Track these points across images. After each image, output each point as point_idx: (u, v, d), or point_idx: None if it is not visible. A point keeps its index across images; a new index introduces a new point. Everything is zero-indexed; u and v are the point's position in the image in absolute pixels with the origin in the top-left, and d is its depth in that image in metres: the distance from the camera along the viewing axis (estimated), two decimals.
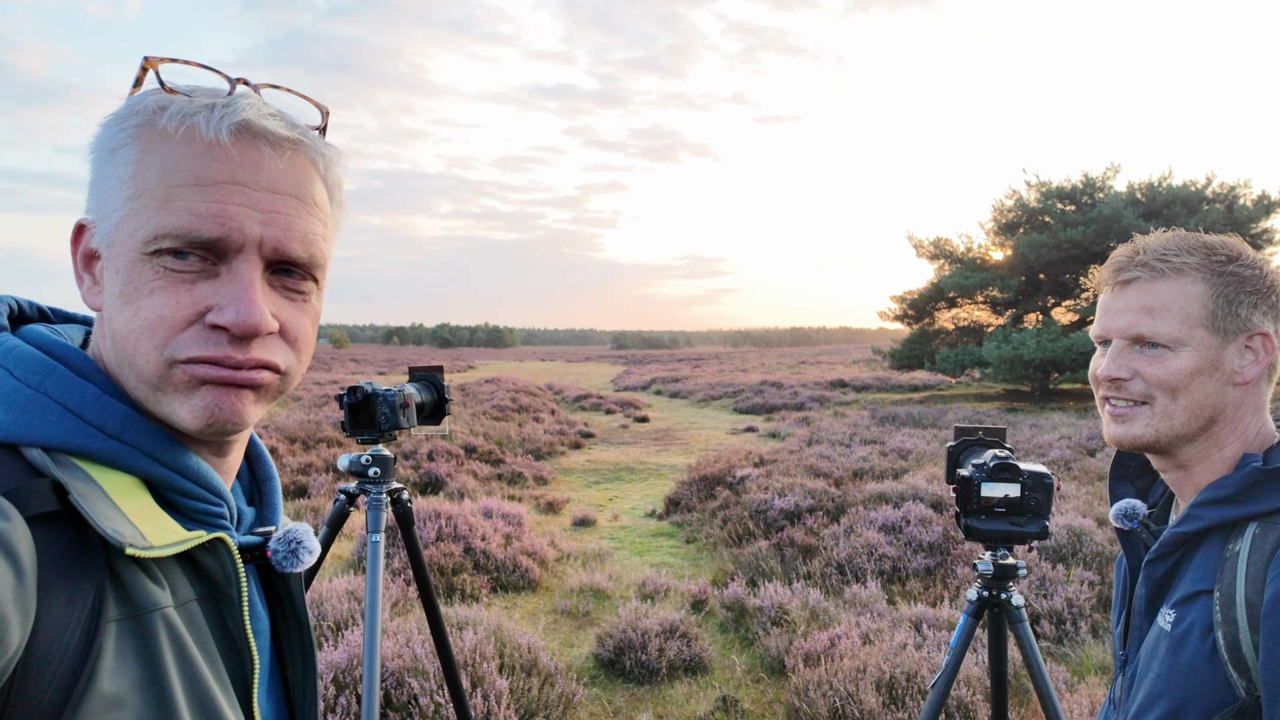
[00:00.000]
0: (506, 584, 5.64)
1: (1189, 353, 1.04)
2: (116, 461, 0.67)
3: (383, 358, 55.06)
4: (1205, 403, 1.04)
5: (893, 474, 8.34)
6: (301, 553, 0.78)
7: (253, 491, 0.86)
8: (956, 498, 1.72)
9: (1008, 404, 18.74)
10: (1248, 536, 0.97)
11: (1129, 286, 1.09)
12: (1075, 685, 3.85)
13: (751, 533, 6.70)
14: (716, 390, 24.44)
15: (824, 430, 12.74)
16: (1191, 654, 0.97)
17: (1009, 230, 23.44)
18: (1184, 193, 20.79)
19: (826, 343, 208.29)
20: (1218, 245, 1.07)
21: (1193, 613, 0.99)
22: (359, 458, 2.13)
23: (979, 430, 1.87)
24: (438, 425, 2.24)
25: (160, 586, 0.66)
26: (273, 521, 0.83)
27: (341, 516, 2.18)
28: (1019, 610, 1.85)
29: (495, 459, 10.84)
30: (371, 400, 2.01)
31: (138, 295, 0.66)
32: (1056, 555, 5.34)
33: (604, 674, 4.23)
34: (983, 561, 1.84)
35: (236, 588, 0.72)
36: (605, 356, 76.34)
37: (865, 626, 4.34)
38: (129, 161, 0.67)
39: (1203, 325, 1.04)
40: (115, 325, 0.67)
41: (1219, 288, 1.04)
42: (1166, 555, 1.06)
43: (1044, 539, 1.73)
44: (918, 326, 24.59)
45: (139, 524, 0.65)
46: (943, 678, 1.81)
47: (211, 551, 0.71)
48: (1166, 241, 1.08)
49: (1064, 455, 9.45)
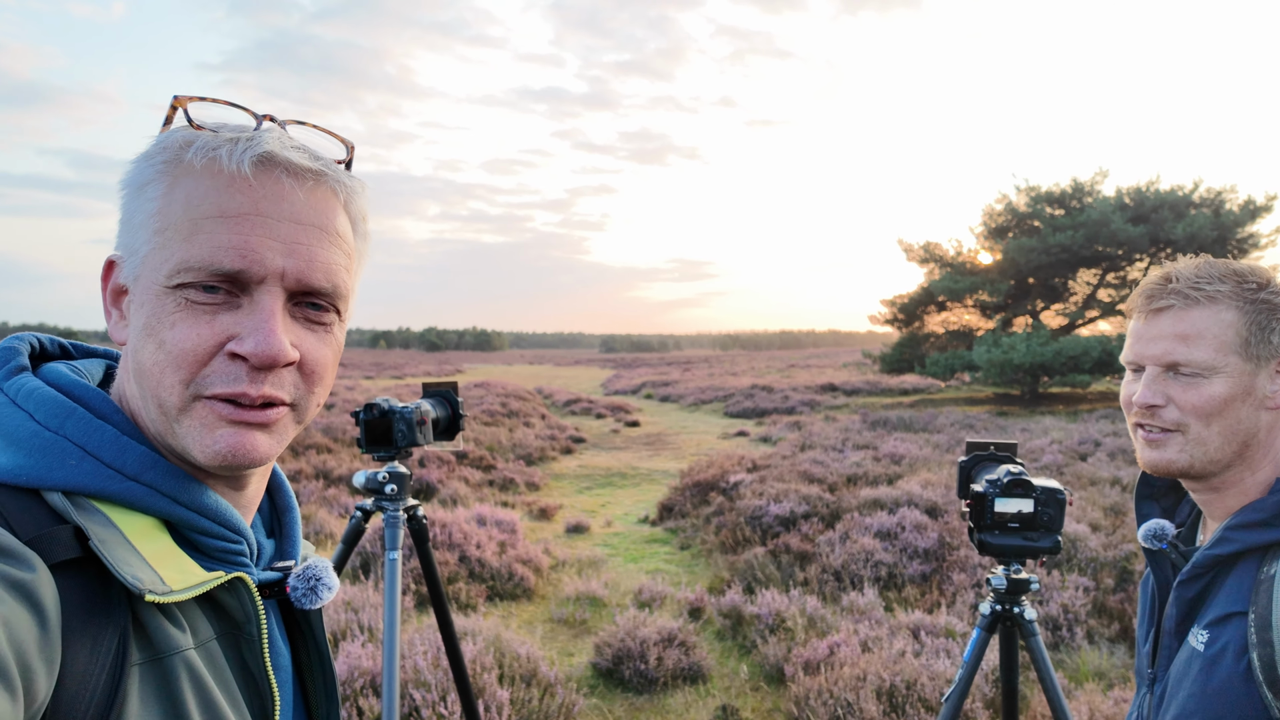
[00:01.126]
0: (502, 592, 5.62)
1: (1223, 379, 1.05)
2: (135, 503, 0.67)
3: (369, 362, 54.84)
4: (1239, 428, 1.05)
5: (886, 479, 8.37)
6: (321, 590, 0.78)
7: (272, 522, 0.87)
8: (970, 513, 1.73)
9: (998, 408, 18.85)
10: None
11: (1162, 314, 1.10)
12: (1073, 692, 3.87)
13: (747, 539, 6.70)
14: (707, 394, 24.46)
15: (816, 435, 12.77)
16: (1226, 674, 0.98)
17: (998, 234, 23.60)
18: (1171, 197, 21.00)
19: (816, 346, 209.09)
20: (1248, 273, 1.08)
21: (1226, 634, 1.00)
22: (375, 475, 2.12)
23: (990, 445, 1.88)
24: (452, 441, 2.23)
25: (180, 629, 0.67)
26: (292, 554, 0.84)
27: (357, 534, 2.17)
28: (1032, 624, 1.86)
29: (486, 465, 10.81)
30: (388, 417, 2.00)
31: (161, 327, 0.66)
32: (1051, 562, 5.37)
33: (603, 683, 4.22)
34: (996, 576, 1.85)
35: (256, 625, 0.72)
36: (594, 360, 76.34)
37: (864, 634, 4.35)
38: (155, 197, 0.68)
39: (1236, 352, 1.05)
40: (141, 359, 0.68)
41: (1252, 315, 1.05)
42: (1199, 576, 1.07)
43: (1056, 553, 1.74)
44: (908, 330, 24.72)
45: (158, 567, 0.65)
46: (956, 691, 1.81)
47: (231, 590, 0.71)
48: (1199, 269, 1.09)
49: (1056, 460, 9.51)
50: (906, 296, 24.37)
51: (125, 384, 0.72)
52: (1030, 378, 19.79)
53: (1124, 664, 4.26)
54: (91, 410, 0.69)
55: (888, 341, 25.98)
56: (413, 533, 2.21)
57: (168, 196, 0.68)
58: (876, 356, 25.55)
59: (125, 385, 0.72)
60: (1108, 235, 20.38)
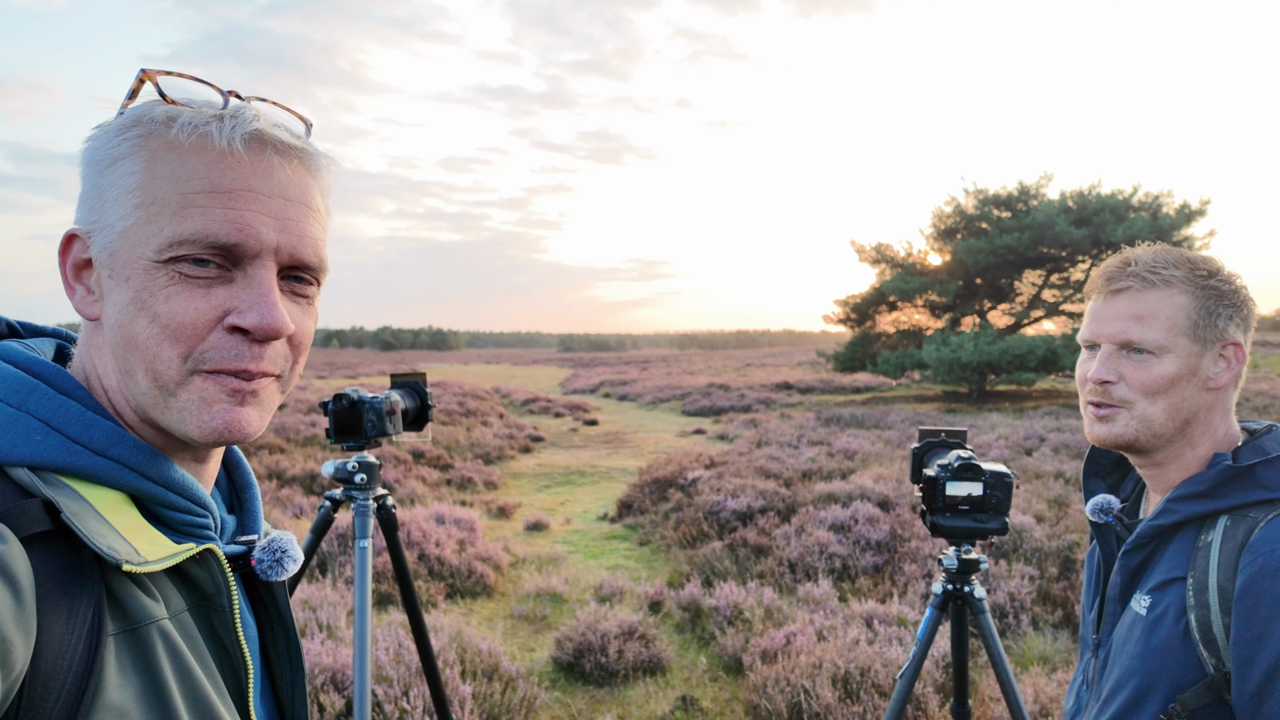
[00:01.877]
0: (462, 590, 5.60)
1: (1171, 359, 1.12)
2: (103, 478, 0.68)
3: (322, 361, 53.82)
4: (1183, 405, 1.13)
5: (840, 474, 8.53)
6: (286, 561, 0.79)
7: (232, 499, 0.87)
8: (922, 496, 1.81)
9: (946, 405, 19.30)
10: (1219, 529, 1.06)
11: (1120, 295, 1.17)
12: (1019, 675, 4.02)
13: (705, 534, 6.78)
14: (665, 393, 24.57)
15: (772, 432, 12.94)
16: (1165, 635, 1.06)
17: (948, 236, 24.14)
18: (1112, 201, 21.72)
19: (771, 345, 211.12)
20: (1200, 261, 1.16)
21: (1167, 598, 1.08)
22: (345, 464, 2.11)
23: (942, 432, 1.97)
24: (420, 431, 2.24)
25: (154, 599, 0.67)
26: (254, 529, 0.84)
27: (326, 523, 2.16)
28: (981, 602, 1.95)
29: (444, 464, 10.72)
30: (358, 407, 2.01)
31: (154, 301, 0.66)
32: (999, 551, 5.55)
33: (564, 677, 4.25)
34: (947, 557, 1.93)
35: (228, 597, 0.73)
36: (552, 359, 76.02)
37: (819, 623, 4.45)
38: (134, 171, 0.68)
39: (1185, 334, 1.12)
40: (130, 332, 0.67)
41: (1201, 300, 1.13)
42: (1143, 546, 1.14)
43: (1004, 534, 1.83)
44: (860, 330, 25.14)
45: (131, 539, 0.65)
46: (910, 668, 1.89)
47: (201, 563, 0.72)
48: (1156, 254, 1.17)
49: (1002, 455, 9.79)
50: (859, 296, 24.79)
51: (94, 360, 0.72)
52: (978, 376, 20.30)
53: (1067, 648, 4.43)
54: (54, 386, 0.69)
55: (841, 341, 26.39)
56: (381, 522, 2.21)
57: (149, 171, 0.68)
58: (830, 355, 25.94)
59: (94, 361, 0.72)
60: (1052, 237, 21.00)
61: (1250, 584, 0.97)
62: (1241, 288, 1.17)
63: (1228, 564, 1.02)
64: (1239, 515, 1.05)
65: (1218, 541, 1.05)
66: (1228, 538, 1.04)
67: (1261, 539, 0.99)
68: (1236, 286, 1.16)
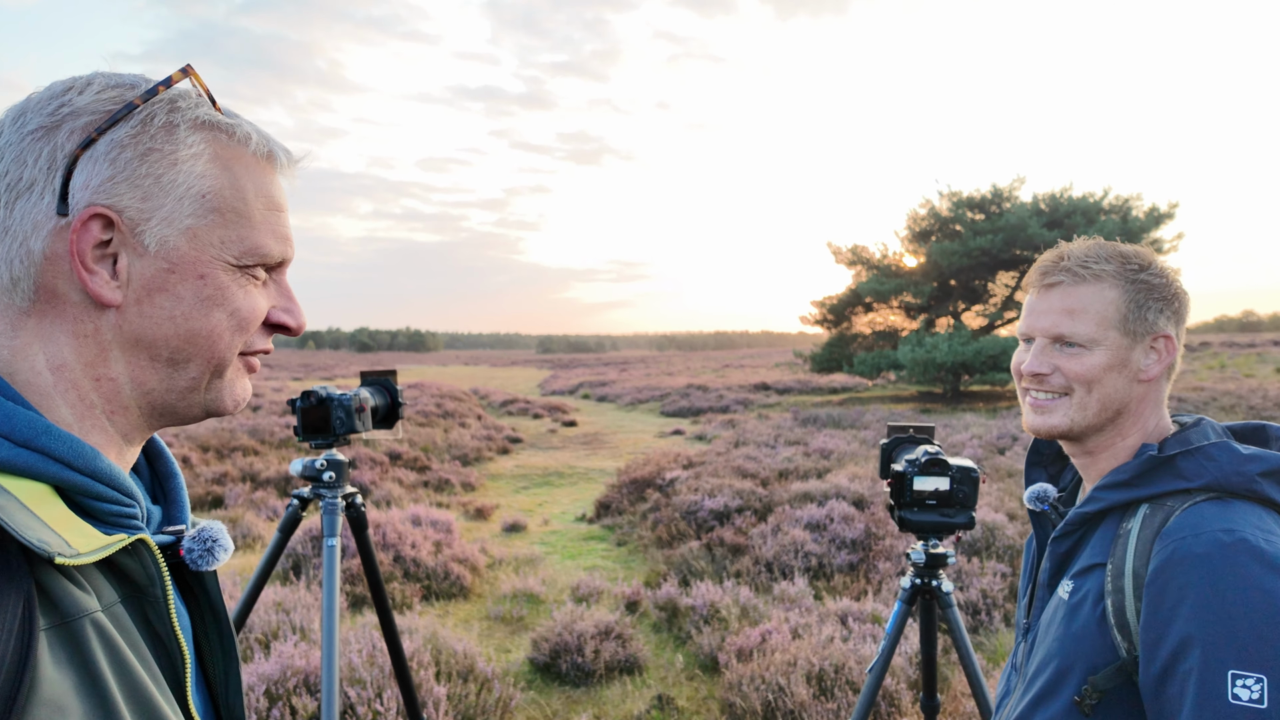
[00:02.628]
0: (438, 591, 5.58)
1: (1103, 351, 1.15)
2: (26, 470, 0.66)
3: (297, 363, 53.25)
4: (1115, 396, 1.16)
5: (816, 474, 8.59)
6: (217, 550, 0.79)
7: (155, 489, 0.86)
8: (891, 491, 1.83)
9: (922, 405, 19.49)
10: (1139, 516, 1.09)
11: (1053, 289, 1.20)
12: (990, 671, 4.07)
13: (682, 533, 6.80)
14: (643, 394, 24.59)
15: (749, 432, 13.00)
16: (1084, 620, 1.09)
17: (922, 238, 24.39)
18: (1083, 204, 22.06)
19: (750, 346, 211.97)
20: (1132, 255, 1.19)
21: (1088, 584, 1.11)
22: (313, 462, 2.09)
23: (910, 428, 1.99)
24: (391, 429, 2.22)
25: (86, 592, 0.66)
26: (181, 520, 0.83)
27: (294, 522, 2.14)
28: (948, 596, 1.97)
29: (421, 465, 10.66)
30: (326, 404, 1.99)
31: (233, 299, 0.75)
32: (971, 549, 5.61)
33: (540, 677, 4.24)
34: (915, 551, 1.96)
35: (161, 587, 0.72)
36: (531, 361, 75.76)
37: (794, 621, 4.48)
38: (206, 175, 0.72)
39: (1116, 327, 1.15)
40: (195, 324, 0.73)
41: (1131, 294, 1.15)
42: (1070, 533, 1.17)
43: (970, 529, 1.86)
44: (836, 330, 25.33)
45: (60, 531, 0.64)
46: (879, 662, 1.91)
47: (133, 554, 0.71)
48: (1088, 249, 1.20)
49: (976, 454, 9.90)
50: (835, 298, 24.98)
51: (38, 350, 0.70)
52: (952, 376, 20.53)
53: None
54: None
55: (818, 342, 26.57)
56: (351, 521, 2.19)
57: (224, 177, 0.73)
58: (807, 356, 26.10)
59: (37, 351, 0.70)
60: (1025, 239, 21.29)
61: (1160, 570, 1.00)
62: (1174, 281, 1.19)
63: (1143, 550, 1.04)
64: (1158, 504, 1.07)
65: (1136, 529, 1.07)
66: (1145, 525, 1.06)
67: (1174, 527, 1.02)
68: (1168, 280, 1.18)
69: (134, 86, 0.72)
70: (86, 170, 0.69)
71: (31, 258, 0.69)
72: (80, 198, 0.68)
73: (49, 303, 0.70)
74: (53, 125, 0.69)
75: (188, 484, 8.96)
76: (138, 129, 0.70)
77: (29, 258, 0.69)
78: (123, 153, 0.69)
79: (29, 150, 0.69)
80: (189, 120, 0.72)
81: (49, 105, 0.70)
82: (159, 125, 0.71)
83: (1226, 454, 1.06)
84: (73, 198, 0.68)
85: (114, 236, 0.70)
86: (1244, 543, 0.96)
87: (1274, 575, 0.93)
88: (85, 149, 0.69)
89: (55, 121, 0.69)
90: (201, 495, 8.64)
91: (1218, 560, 0.96)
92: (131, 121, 0.70)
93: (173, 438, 11.26)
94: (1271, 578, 0.93)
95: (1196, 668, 0.93)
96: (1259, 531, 0.98)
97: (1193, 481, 1.05)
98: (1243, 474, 1.03)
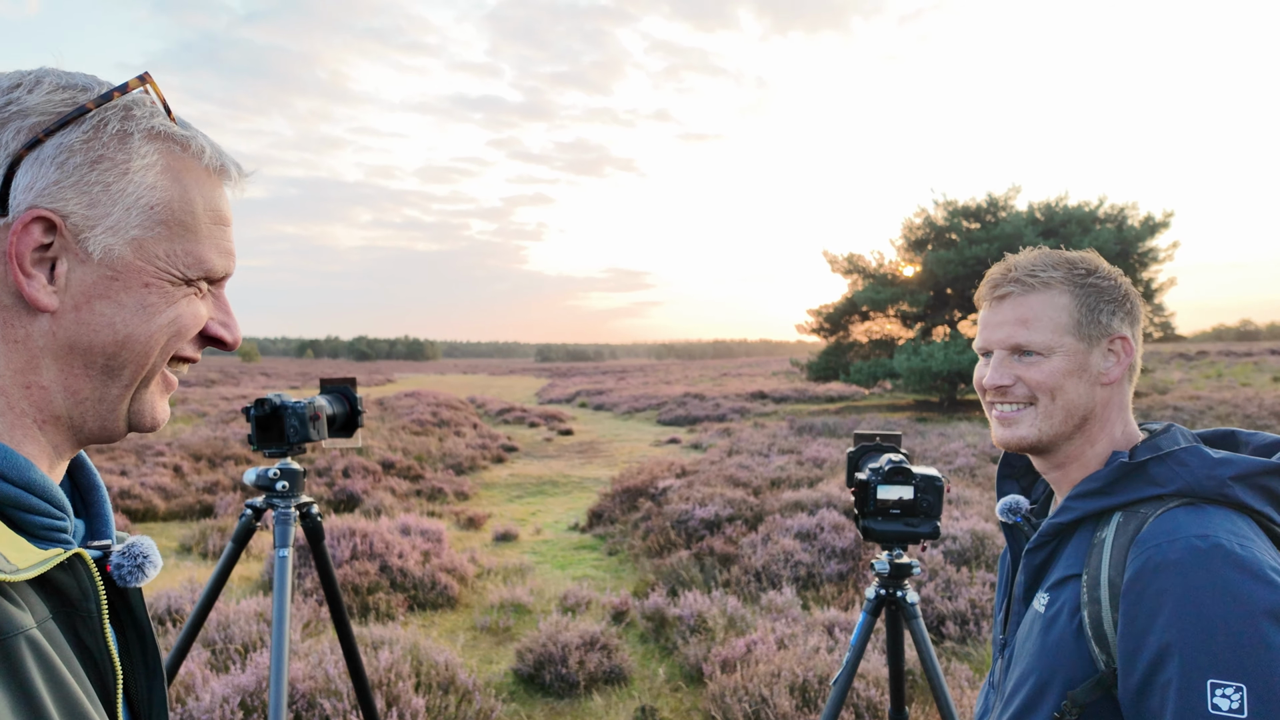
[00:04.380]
0: (424, 602, 5.54)
1: (1060, 357, 1.15)
2: None
3: (295, 371, 53.19)
4: (1078, 402, 1.15)
5: (808, 482, 8.56)
6: (147, 567, 0.77)
7: (76, 502, 0.84)
8: (855, 500, 1.81)
9: (918, 414, 19.46)
10: (1113, 525, 1.07)
11: (1004, 301, 1.20)
12: (978, 682, 4.04)
13: (673, 543, 6.77)
14: (640, 402, 24.56)
15: (744, 441, 12.97)
16: (1060, 632, 1.06)
17: (918, 247, 24.41)
18: (1079, 213, 22.09)
19: (748, 355, 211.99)
20: (1078, 260, 1.19)
21: (1064, 595, 1.08)
22: (266, 471, 2.07)
23: (877, 436, 1.97)
24: (350, 438, 2.20)
25: (21, 609, 0.64)
26: (105, 534, 0.81)
27: (247, 532, 2.12)
28: (914, 607, 1.95)
29: (414, 474, 10.63)
30: (280, 413, 1.97)
31: (167, 307, 0.73)
32: (960, 559, 5.59)
33: (523, 689, 4.21)
34: (879, 561, 1.94)
35: (96, 602, 0.71)
36: (529, 369, 75.73)
37: (780, 632, 4.45)
38: (157, 186, 0.72)
39: (1070, 332, 1.15)
40: (132, 330, 0.72)
41: (1082, 298, 1.16)
42: (1044, 544, 1.15)
43: (935, 538, 1.84)
44: (833, 339, 25.32)
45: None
46: (843, 674, 1.89)
47: (68, 569, 0.69)
48: (1034, 259, 1.20)
49: (969, 462, 9.88)
50: (832, 306, 24.98)
51: (20, 351, 0.69)
52: (948, 385, 20.50)
53: None
54: None
55: (815, 350, 26.56)
56: (307, 531, 2.17)
57: (175, 190, 0.73)
58: (804, 365, 26.08)
59: (29, 353, 0.69)
60: (1020, 248, 21.28)
61: (1135, 579, 0.98)
62: (1123, 283, 1.19)
63: (1118, 559, 1.03)
64: (1131, 511, 1.06)
65: (1110, 537, 1.06)
66: (1119, 533, 1.05)
67: (1148, 534, 1.00)
68: (1117, 282, 1.18)
69: (86, 89, 0.71)
70: (31, 172, 0.67)
71: None
72: (22, 200, 0.67)
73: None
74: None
75: (178, 493, 8.94)
76: (89, 134, 0.69)
77: None
78: (71, 157, 0.68)
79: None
80: (143, 130, 0.71)
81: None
82: (112, 133, 0.70)
83: (1198, 459, 1.04)
84: (13, 199, 0.67)
85: (55, 241, 0.68)
86: (1220, 548, 0.94)
87: (1250, 581, 0.92)
88: (30, 149, 0.67)
89: (2, 119, 0.67)
90: (192, 504, 8.61)
91: (1193, 567, 0.94)
92: (83, 126, 0.69)
93: (165, 446, 11.24)
94: (1248, 583, 0.91)
95: (1175, 678, 0.92)
96: (1234, 537, 0.96)
97: (1165, 487, 1.04)
98: (1215, 478, 1.02)
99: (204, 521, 7.79)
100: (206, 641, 4.06)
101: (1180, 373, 28.97)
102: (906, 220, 24.80)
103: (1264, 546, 0.97)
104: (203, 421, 15.64)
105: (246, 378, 38.25)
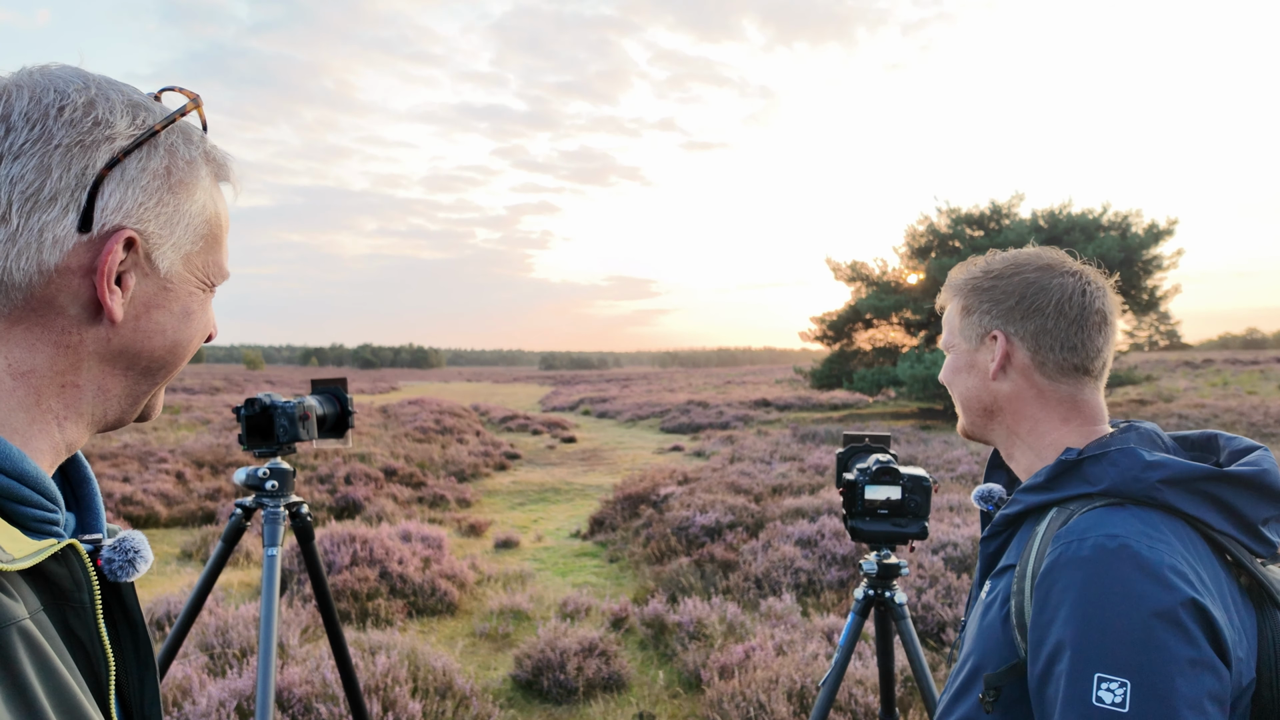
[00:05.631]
0: (424, 608, 5.54)
1: (953, 354, 1.27)
2: None
3: (299, 379, 53.29)
4: (972, 396, 1.24)
5: (810, 489, 8.55)
6: (138, 561, 0.78)
7: (67, 495, 0.84)
8: (843, 501, 1.81)
9: (921, 421, 19.42)
10: (1047, 519, 1.10)
11: (946, 306, 1.32)
12: None
13: (673, 550, 6.76)
14: (644, 410, 24.55)
15: (747, 448, 12.96)
16: (992, 619, 1.11)
17: (921, 254, 24.39)
18: (1082, 220, 22.05)
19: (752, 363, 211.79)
20: (978, 264, 1.27)
21: (1000, 584, 1.13)
22: (255, 471, 2.08)
23: (865, 437, 1.98)
24: (340, 438, 2.21)
25: (14, 600, 0.65)
26: (96, 527, 0.82)
27: (237, 532, 2.13)
28: (902, 607, 1.95)
29: (417, 481, 10.64)
30: (270, 412, 1.98)
31: (201, 313, 0.81)
32: (961, 565, 5.57)
33: (521, 695, 4.20)
34: (868, 562, 1.94)
35: (89, 593, 0.72)
36: (534, 377, 75.75)
37: (779, 638, 4.44)
38: (205, 204, 0.78)
39: (960, 333, 1.26)
40: (182, 336, 0.79)
41: (964, 300, 1.26)
42: (997, 535, 1.19)
43: (923, 539, 1.84)
44: (837, 347, 25.27)
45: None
46: (832, 674, 1.89)
47: (61, 560, 0.70)
48: (959, 268, 1.31)
49: (971, 470, 9.86)
50: (835, 314, 24.94)
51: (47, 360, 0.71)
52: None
53: None
54: None
55: (819, 358, 26.51)
56: (296, 531, 2.17)
57: (216, 208, 0.79)
58: (808, 373, 26.04)
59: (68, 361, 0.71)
60: None
61: (1047, 572, 1.01)
62: (1010, 280, 1.21)
63: (1042, 552, 1.06)
64: (1063, 507, 1.09)
65: (1042, 531, 1.09)
66: (1050, 526, 1.08)
67: (1067, 530, 1.03)
68: (1002, 283, 1.22)
69: (149, 109, 0.74)
70: (118, 193, 0.70)
71: (41, 269, 0.68)
72: (110, 219, 0.70)
73: (36, 312, 0.70)
74: (90, 144, 0.69)
75: (180, 500, 8.96)
76: (167, 159, 0.73)
77: (38, 269, 0.68)
78: (154, 180, 0.72)
79: (57, 163, 0.68)
80: (202, 154, 0.77)
81: (82, 121, 0.69)
82: (184, 159, 0.75)
83: (1129, 460, 1.06)
84: (99, 217, 0.69)
85: (129, 257, 0.72)
86: (1126, 549, 0.97)
87: (1149, 582, 0.94)
88: (110, 168, 0.70)
89: (93, 141, 0.69)
90: (194, 511, 8.63)
91: (1098, 565, 0.97)
92: (158, 150, 0.73)
93: (168, 454, 11.27)
94: (1144, 583, 0.94)
95: (1067, 669, 0.95)
96: (1145, 539, 0.98)
97: (1094, 486, 1.07)
98: (1141, 480, 1.04)
99: (206, 528, 7.80)
100: (204, 646, 4.07)
101: (1186, 381, 28.87)
102: (910, 227, 24.79)
103: (1178, 550, 0.98)
104: (206, 429, 15.68)
105: (251, 385, 38.33)
